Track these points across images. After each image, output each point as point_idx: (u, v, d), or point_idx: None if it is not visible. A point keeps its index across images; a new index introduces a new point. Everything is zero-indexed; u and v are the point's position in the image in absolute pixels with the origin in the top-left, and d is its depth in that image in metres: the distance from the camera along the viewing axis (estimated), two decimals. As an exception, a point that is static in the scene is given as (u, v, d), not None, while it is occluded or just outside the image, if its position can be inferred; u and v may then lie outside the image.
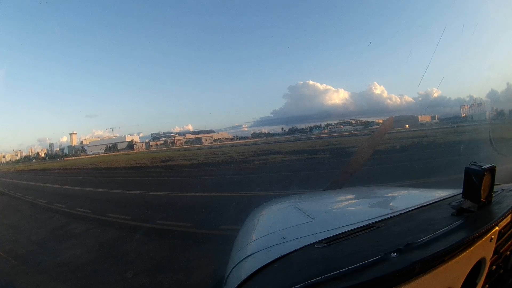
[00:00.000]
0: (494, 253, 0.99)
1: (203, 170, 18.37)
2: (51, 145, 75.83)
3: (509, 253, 1.10)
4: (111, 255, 5.02)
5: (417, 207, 1.26)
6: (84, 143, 75.66)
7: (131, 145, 70.73)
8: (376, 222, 1.13)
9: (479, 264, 0.93)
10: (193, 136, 74.74)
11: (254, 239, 1.35)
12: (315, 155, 19.01)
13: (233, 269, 1.05)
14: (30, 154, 73.64)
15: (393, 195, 2.02)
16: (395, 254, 0.79)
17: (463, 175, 1.02)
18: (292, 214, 1.63)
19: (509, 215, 1.04)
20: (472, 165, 1.02)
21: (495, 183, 1.05)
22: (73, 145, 74.67)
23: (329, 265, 0.80)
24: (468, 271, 0.88)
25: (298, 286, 0.71)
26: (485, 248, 0.93)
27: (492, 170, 1.01)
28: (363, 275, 0.72)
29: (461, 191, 1.07)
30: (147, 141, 73.81)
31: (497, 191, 1.23)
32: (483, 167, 0.99)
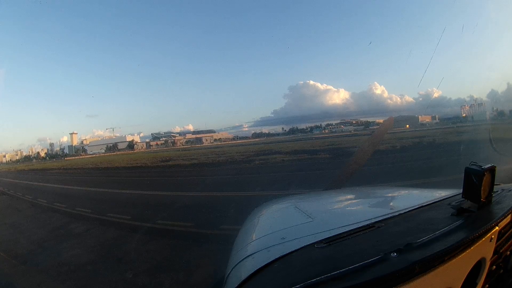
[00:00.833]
0: (494, 253, 0.99)
1: (204, 170, 18.39)
2: (52, 145, 76.04)
3: (509, 253, 1.10)
4: (111, 255, 5.03)
5: (417, 207, 1.26)
6: (84, 143, 75.79)
7: (131, 145, 70.79)
8: (376, 222, 1.13)
9: (479, 264, 0.93)
10: (194, 136, 74.82)
11: (254, 239, 1.34)
12: (315, 155, 19.01)
13: (233, 269, 1.05)
14: (30, 153, 73.90)
15: (393, 195, 2.02)
16: (395, 254, 0.79)
17: (463, 175, 1.02)
18: (292, 214, 1.63)
19: (509, 215, 1.04)
20: (472, 165, 1.02)
21: (495, 183, 1.05)
22: (73, 145, 74.78)
23: (329, 265, 0.80)
24: (468, 271, 0.88)
25: (298, 286, 0.71)
26: (485, 248, 0.93)
27: (492, 170, 1.01)
28: (363, 275, 0.72)
29: (461, 191, 1.07)
30: (147, 141, 73.95)
31: (497, 191, 1.23)
32: (483, 167, 0.99)
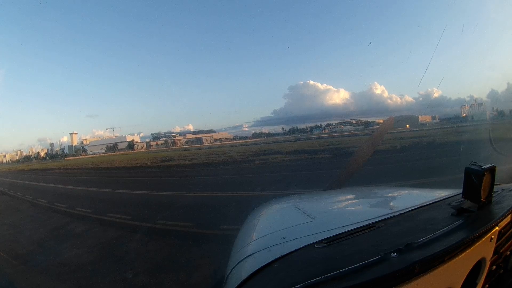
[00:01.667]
0: (494, 253, 0.99)
1: (204, 170, 18.38)
2: (52, 145, 76.02)
3: (509, 253, 1.10)
4: (111, 255, 5.03)
5: (417, 207, 1.26)
6: (84, 143, 75.76)
7: (131, 145, 70.77)
8: (376, 222, 1.13)
9: (479, 264, 0.93)
10: (194, 136, 74.79)
11: (254, 239, 1.34)
12: (315, 155, 19.01)
13: (233, 269, 1.05)
14: (30, 154, 73.85)
15: (393, 195, 2.02)
16: (395, 254, 0.79)
17: (463, 175, 1.02)
18: (292, 214, 1.63)
19: (509, 215, 1.04)
20: (472, 165, 1.02)
21: (495, 183, 1.05)
22: (73, 145, 74.77)
23: (329, 265, 0.80)
24: (468, 271, 0.88)
25: (298, 286, 0.71)
26: (485, 248, 0.93)
27: (492, 170, 1.01)
28: (363, 275, 0.72)
29: (461, 191, 1.07)
30: (147, 141, 73.91)
31: (497, 191, 1.23)
32: (483, 167, 0.99)
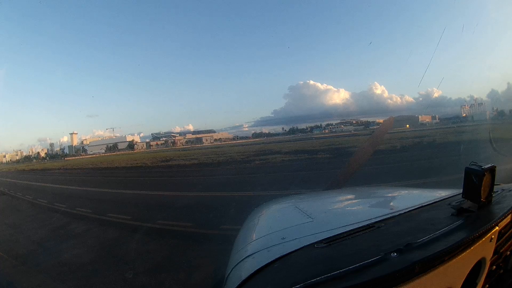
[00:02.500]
0: (494, 253, 0.98)
1: (204, 170, 18.39)
2: (52, 145, 76.20)
3: (509, 253, 1.10)
4: (111, 255, 5.03)
5: (417, 207, 1.26)
6: (84, 143, 75.88)
7: (131, 145, 70.83)
8: (376, 222, 1.13)
9: (479, 264, 0.93)
10: (194, 136, 74.89)
11: (254, 239, 1.34)
12: (315, 155, 19.02)
13: (233, 269, 1.05)
14: (30, 154, 74.08)
15: (393, 195, 2.02)
16: (395, 254, 0.79)
17: (463, 175, 1.02)
18: (292, 214, 1.63)
19: (509, 215, 1.04)
20: (472, 165, 1.02)
21: (495, 183, 1.05)
22: (73, 145, 74.86)
23: (329, 265, 0.80)
24: (468, 271, 0.88)
25: (298, 286, 0.71)
26: (485, 248, 0.92)
27: (492, 170, 1.00)
28: (363, 275, 0.72)
29: (461, 191, 1.06)
30: (147, 141, 74.04)
31: (497, 191, 1.23)
32: (483, 167, 0.99)
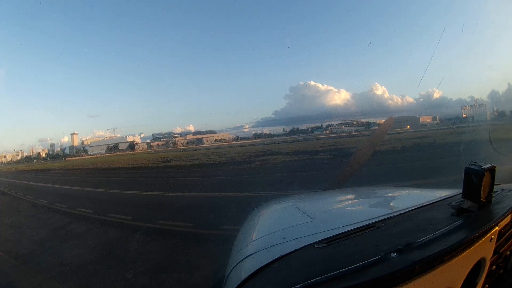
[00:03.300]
0: (494, 253, 0.98)
1: (205, 170, 18.38)
2: (52, 145, 76.21)
3: (509, 253, 1.10)
4: (112, 255, 5.03)
5: (417, 207, 1.26)
6: (85, 143, 75.87)
7: (132, 146, 70.84)
8: (376, 222, 1.13)
9: (479, 264, 0.93)
10: (195, 136, 74.85)
11: (254, 239, 1.35)
12: (316, 156, 19.01)
13: (233, 269, 1.05)
14: (31, 154, 74.03)
15: (393, 195, 2.02)
16: (395, 254, 0.79)
17: (463, 175, 1.02)
18: (292, 214, 1.63)
19: (509, 215, 1.04)
20: (472, 165, 1.02)
21: (495, 183, 1.05)
22: (74, 146, 74.89)
23: (329, 265, 0.80)
24: (468, 271, 0.87)
25: (298, 286, 0.71)
26: (485, 248, 0.92)
27: (492, 170, 1.00)
28: (363, 275, 0.72)
29: (461, 191, 1.06)
30: (148, 141, 73.99)
31: (497, 191, 1.23)
32: (483, 167, 0.99)
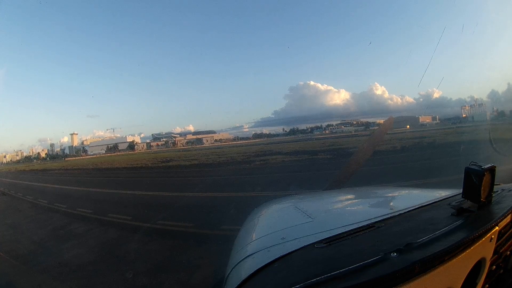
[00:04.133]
0: (494, 253, 0.98)
1: (204, 170, 18.38)
2: (52, 145, 76.31)
3: (509, 253, 1.10)
4: (112, 255, 5.03)
5: (417, 207, 1.26)
6: (85, 143, 75.95)
7: (132, 146, 70.86)
8: (376, 222, 1.13)
9: (479, 264, 0.93)
10: (194, 136, 74.94)
11: (254, 239, 1.35)
12: (315, 156, 19.02)
13: (233, 269, 1.05)
14: (31, 154, 74.13)
15: (393, 195, 2.02)
16: (395, 254, 0.79)
17: (463, 175, 1.02)
18: (292, 214, 1.63)
19: (509, 215, 1.04)
20: (472, 165, 1.02)
21: (495, 183, 1.05)
22: (74, 146, 74.95)
23: (329, 265, 0.80)
24: (468, 271, 0.87)
25: (298, 286, 0.71)
26: (485, 248, 0.92)
27: (492, 170, 1.00)
28: (363, 275, 0.72)
29: (461, 191, 1.06)
30: (148, 141, 74.08)
31: (497, 191, 1.23)
32: (483, 167, 0.99)
